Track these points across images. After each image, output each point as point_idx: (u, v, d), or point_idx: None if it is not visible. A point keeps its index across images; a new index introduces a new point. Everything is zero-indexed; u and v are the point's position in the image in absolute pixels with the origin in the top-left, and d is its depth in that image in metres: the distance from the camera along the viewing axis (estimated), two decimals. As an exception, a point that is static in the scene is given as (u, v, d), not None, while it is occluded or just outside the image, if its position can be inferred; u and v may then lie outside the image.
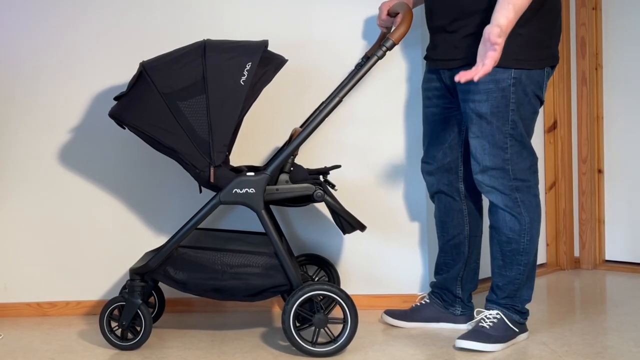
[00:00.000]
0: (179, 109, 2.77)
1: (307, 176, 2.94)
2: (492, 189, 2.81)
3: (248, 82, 2.76)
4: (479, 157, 2.80)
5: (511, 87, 2.72)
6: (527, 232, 2.84)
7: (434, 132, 2.99)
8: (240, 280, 2.85)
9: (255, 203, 2.82)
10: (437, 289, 3.12)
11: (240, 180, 2.82)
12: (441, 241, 3.10)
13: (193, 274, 2.87)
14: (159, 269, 2.88)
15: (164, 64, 2.83)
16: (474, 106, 2.77)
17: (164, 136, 2.79)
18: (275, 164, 2.85)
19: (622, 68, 3.97)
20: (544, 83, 2.80)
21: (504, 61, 2.62)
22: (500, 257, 2.88)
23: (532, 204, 2.84)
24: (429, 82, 2.99)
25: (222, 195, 2.83)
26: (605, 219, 4.06)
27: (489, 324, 2.86)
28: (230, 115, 2.76)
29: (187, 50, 2.85)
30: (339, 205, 2.89)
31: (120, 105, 2.86)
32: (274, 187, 2.85)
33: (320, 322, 2.80)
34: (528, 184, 2.83)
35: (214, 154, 2.77)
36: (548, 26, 2.76)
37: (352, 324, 2.79)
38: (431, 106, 2.98)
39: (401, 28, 2.81)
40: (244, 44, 2.85)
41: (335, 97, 2.86)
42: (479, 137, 2.79)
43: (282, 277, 2.84)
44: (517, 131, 2.77)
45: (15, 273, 3.39)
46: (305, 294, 2.78)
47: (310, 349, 2.79)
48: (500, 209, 2.83)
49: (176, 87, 2.78)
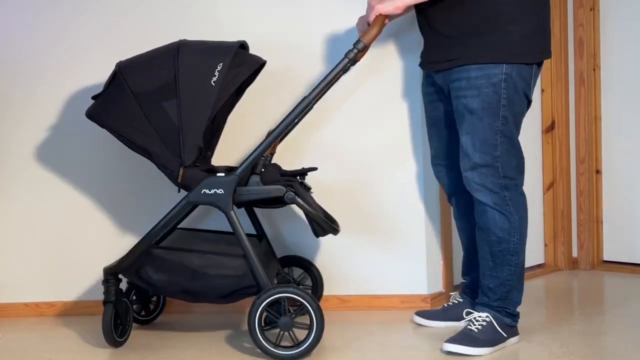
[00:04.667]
0: (150, 110, 2.78)
1: (278, 177, 2.92)
2: (481, 186, 2.81)
3: (219, 82, 2.76)
4: (470, 154, 2.81)
5: (502, 82, 2.74)
6: (517, 230, 2.83)
7: (440, 134, 3.01)
8: (210, 282, 2.84)
9: (223, 204, 2.81)
10: (468, 289, 3.12)
11: (209, 181, 2.81)
12: (465, 241, 3.10)
13: (165, 275, 2.86)
14: (131, 269, 2.88)
15: (137, 64, 2.85)
16: (465, 102, 2.78)
17: (136, 136, 2.80)
18: (244, 165, 2.83)
19: (620, 69, 3.97)
20: (532, 81, 2.82)
21: (495, 56, 2.71)
22: (490, 259, 2.87)
23: (520, 202, 2.85)
24: (426, 86, 3.02)
25: (191, 195, 2.83)
26: (603, 219, 4.06)
27: (478, 327, 2.83)
28: (201, 116, 2.77)
29: (162, 51, 2.87)
30: (311, 208, 2.84)
31: (95, 105, 2.89)
32: (244, 188, 2.84)
33: (286, 325, 2.78)
34: (515, 182, 2.84)
35: (185, 154, 2.78)
36: (538, 23, 2.79)
37: (317, 329, 2.75)
38: (434, 109, 3.00)
39: (372, 30, 2.81)
40: (217, 45, 2.86)
41: (306, 99, 2.83)
42: (469, 133, 2.80)
43: (252, 279, 2.82)
44: (507, 127, 2.78)
45: (13, 273, 3.39)
46: (271, 297, 2.76)
47: (273, 351, 2.77)
48: (489, 208, 2.82)
49: (148, 88, 2.80)
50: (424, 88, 3.04)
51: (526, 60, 2.77)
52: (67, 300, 3.40)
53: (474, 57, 2.76)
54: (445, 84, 2.87)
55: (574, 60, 4.02)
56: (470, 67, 2.76)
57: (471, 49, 2.76)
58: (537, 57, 2.81)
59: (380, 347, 2.89)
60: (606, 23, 3.98)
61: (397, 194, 3.34)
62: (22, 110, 3.35)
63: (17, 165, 3.36)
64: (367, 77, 3.30)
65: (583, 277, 3.93)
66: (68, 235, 3.38)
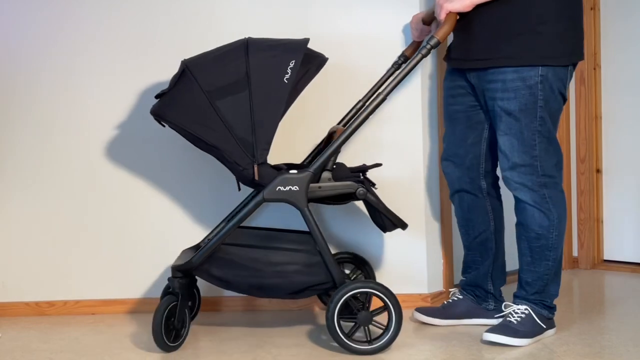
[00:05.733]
0: (222, 107, 2.76)
1: (349, 174, 2.96)
2: (521, 185, 2.84)
3: (292, 80, 2.76)
4: (509, 154, 2.84)
5: (538, 84, 2.77)
6: (556, 227, 2.87)
7: (457, 130, 3.02)
8: (283, 278, 2.85)
9: (299, 201, 2.81)
10: (469, 287, 3.13)
11: (284, 177, 2.81)
12: (467, 239, 3.12)
13: (235, 271, 2.87)
14: (202, 267, 2.86)
15: (206, 62, 2.83)
16: (502, 104, 2.81)
17: (206, 134, 2.78)
18: (319, 162, 2.84)
19: (620, 68, 3.97)
20: (567, 81, 2.85)
21: (529, 59, 2.75)
22: (528, 254, 2.91)
23: (559, 199, 2.88)
24: (452, 80, 3.01)
25: (266, 192, 2.81)
26: (603, 218, 4.06)
27: (517, 319, 2.88)
28: (273, 113, 2.76)
29: (230, 49, 2.84)
30: (381, 203, 2.90)
31: (162, 103, 2.84)
32: (316, 185, 2.84)
33: (365, 320, 2.80)
34: (555, 180, 2.87)
35: (258, 151, 2.77)
36: (570, 24, 2.81)
37: (396, 323, 2.78)
38: (455, 104, 3.01)
39: (445, 27, 2.81)
40: (286, 42, 2.85)
41: (378, 95, 2.83)
42: (507, 134, 2.82)
43: (325, 275, 2.83)
44: (545, 127, 2.81)
45: (13, 272, 3.39)
46: (351, 291, 2.77)
47: (356, 347, 2.77)
48: (528, 206, 2.86)
49: (219, 85, 2.77)
50: (447, 82, 3.05)
51: (558, 63, 2.79)
52: (67, 299, 3.40)
53: (505, 58, 2.78)
54: (479, 84, 2.89)
55: (575, 59, 4.01)
56: (505, 70, 2.78)
57: (501, 51, 2.78)
58: (569, 59, 2.82)
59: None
60: (606, 22, 3.98)
61: (397, 193, 3.33)
62: (21, 110, 3.35)
63: (17, 165, 3.36)
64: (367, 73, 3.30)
65: (583, 276, 3.93)
66: (68, 235, 3.38)
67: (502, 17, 2.77)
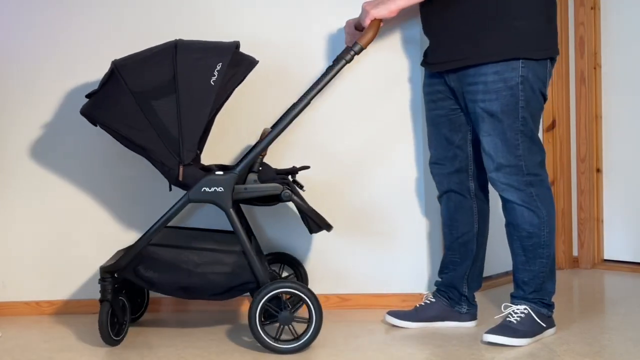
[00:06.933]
0: (149, 108, 2.79)
1: (275, 176, 2.98)
2: (507, 186, 2.85)
3: (218, 82, 2.79)
4: (493, 155, 2.84)
5: (519, 84, 2.78)
6: (546, 224, 2.88)
7: (441, 134, 3.02)
8: (206, 279, 2.87)
9: (223, 202, 2.85)
10: (443, 287, 3.12)
11: (209, 179, 2.84)
12: (449, 239, 3.11)
13: (161, 272, 2.89)
14: (129, 267, 2.89)
15: (135, 63, 2.86)
16: (484, 105, 2.81)
17: (134, 135, 2.82)
18: (244, 164, 2.88)
19: (620, 67, 3.97)
20: (547, 79, 2.86)
21: (509, 53, 2.75)
22: (522, 253, 2.91)
23: (547, 196, 2.89)
24: (431, 85, 3.01)
25: (191, 193, 2.85)
26: (604, 218, 4.06)
27: (517, 319, 2.88)
28: (200, 115, 2.79)
29: (159, 50, 2.87)
30: (306, 205, 2.90)
31: (91, 103, 2.89)
32: (242, 186, 2.88)
33: (286, 320, 2.82)
34: (540, 177, 2.88)
35: (184, 152, 2.80)
36: (545, 19, 2.82)
37: (316, 322, 2.80)
38: (437, 109, 3.01)
39: (369, 33, 2.88)
40: (214, 45, 2.88)
41: (304, 98, 2.89)
42: (490, 135, 2.83)
43: (249, 275, 2.86)
44: (527, 127, 2.82)
45: (13, 271, 3.39)
46: (272, 291, 2.80)
47: (273, 345, 2.80)
48: (517, 205, 2.86)
49: (147, 86, 2.81)
50: (426, 87, 3.05)
51: (538, 56, 2.79)
52: (67, 298, 3.40)
53: (484, 55, 2.78)
54: (459, 86, 2.89)
55: (575, 59, 4.01)
56: (485, 69, 2.78)
57: (480, 47, 2.78)
58: (547, 52, 2.83)
59: (381, 346, 2.90)
60: (607, 21, 3.98)
61: (397, 193, 3.34)
62: (21, 109, 3.35)
63: (16, 164, 3.36)
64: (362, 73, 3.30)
65: (583, 276, 3.93)
66: (68, 234, 3.38)
67: (474, 15, 2.78)
